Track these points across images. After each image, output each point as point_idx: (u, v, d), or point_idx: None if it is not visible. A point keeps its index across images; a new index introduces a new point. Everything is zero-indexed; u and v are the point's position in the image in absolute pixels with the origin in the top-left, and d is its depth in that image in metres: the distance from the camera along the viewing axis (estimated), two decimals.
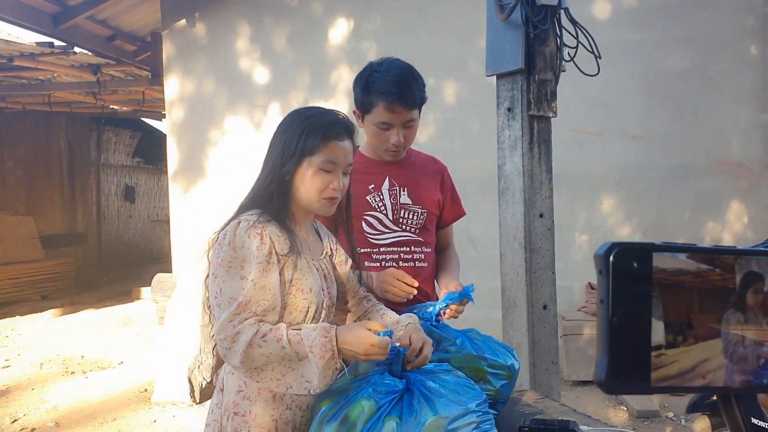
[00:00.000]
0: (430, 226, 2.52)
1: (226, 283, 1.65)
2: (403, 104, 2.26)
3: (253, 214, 1.74)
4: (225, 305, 1.64)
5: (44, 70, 8.69)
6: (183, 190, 6.68)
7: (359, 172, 2.42)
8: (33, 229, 11.88)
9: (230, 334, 1.60)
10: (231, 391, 1.75)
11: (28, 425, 4.99)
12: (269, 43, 6.53)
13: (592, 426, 2.06)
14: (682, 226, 5.99)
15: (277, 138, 1.84)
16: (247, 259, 1.66)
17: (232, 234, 1.69)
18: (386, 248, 2.40)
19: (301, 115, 1.84)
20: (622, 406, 4.97)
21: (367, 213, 2.40)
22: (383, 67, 2.30)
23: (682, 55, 5.97)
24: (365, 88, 2.30)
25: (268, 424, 1.71)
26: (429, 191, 2.50)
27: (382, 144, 2.34)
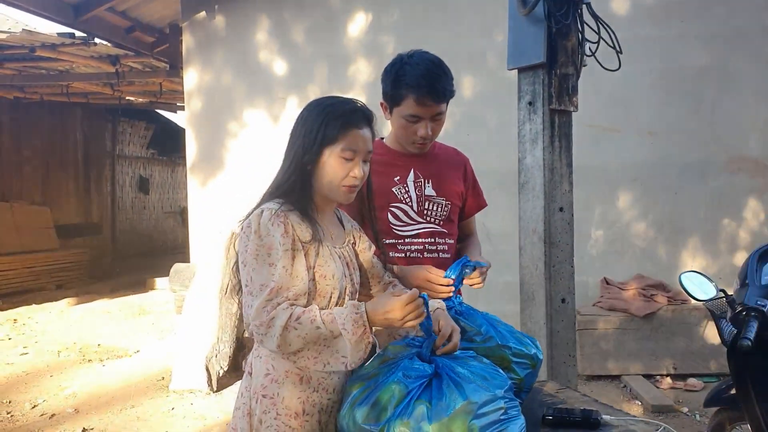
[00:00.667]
0: (453, 218, 2.55)
1: (255, 271, 1.70)
2: (433, 98, 2.28)
3: (275, 203, 1.78)
4: (257, 292, 1.68)
5: (64, 61, 8.74)
6: (201, 181, 6.73)
7: (384, 164, 2.45)
8: (49, 219, 11.99)
9: (265, 320, 1.64)
10: (259, 374, 1.79)
11: (48, 411, 5.07)
12: (288, 36, 6.56)
13: (614, 416, 2.08)
14: (698, 223, 5.99)
15: (297, 128, 1.87)
16: (273, 247, 1.70)
17: (256, 223, 1.73)
18: (411, 239, 2.43)
19: (320, 104, 1.87)
20: (637, 400, 4.99)
21: (393, 204, 2.42)
22: (413, 60, 2.32)
23: (701, 52, 5.96)
24: (395, 80, 2.32)
25: (296, 406, 1.75)
26: (453, 183, 2.53)
27: (410, 136, 2.37)
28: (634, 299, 5.55)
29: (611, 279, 5.92)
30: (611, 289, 5.77)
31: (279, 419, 1.74)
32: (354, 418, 1.66)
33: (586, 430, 1.97)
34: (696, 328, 5.40)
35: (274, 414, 1.75)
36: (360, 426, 1.64)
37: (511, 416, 1.66)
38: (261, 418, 1.76)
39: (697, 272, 2.75)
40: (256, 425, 1.77)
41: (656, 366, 5.43)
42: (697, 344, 5.40)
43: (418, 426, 1.58)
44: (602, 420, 2.01)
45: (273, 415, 1.75)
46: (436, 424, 1.57)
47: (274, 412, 1.75)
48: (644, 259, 6.05)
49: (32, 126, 12.43)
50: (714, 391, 3.17)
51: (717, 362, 5.35)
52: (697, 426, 4.49)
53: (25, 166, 12.30)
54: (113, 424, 4.75)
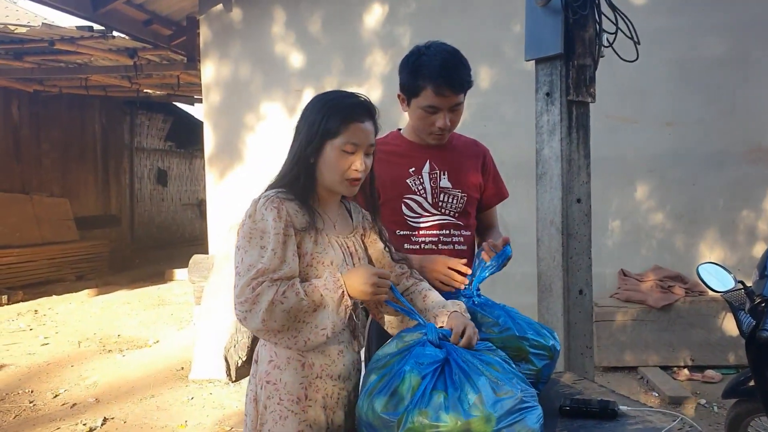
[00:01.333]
0: (470, 210, 2.54)
1: (247, 252, 1.75)
2: (451, 88, 2.29)
3: (273, 191, 1.82)
4: (244, 272, 1.72)
5: (83, 54, 8.81)
6: (219, 173, 6.77)
7: (400, 154, 2.46)
8: (68, 211, 12.11)
9: (250, 296, 1.69)
10: (263, 361, 1.85)
11: (69, 400, 5.14)
12: (304, 28, 6.57)
13: (632, 407, 2.09)
14: (716, 214, 5.94)
15: (300, 123, 1.90)
16: (266, 230, 1.74)
17: (252, 208, 1.78)
18: (426, 231, 2.44)
19: (321, 99, 1.90)
20: (654, 392, 4.98)
21: (407, 196, 2.43)
22: (431, 51, 2.33)
23: (720, 42, 5.90)
24: (413, 72, 2.32)
25: (298, 392, 1.80)
26: (470, 175, 2.53)
27: (427, 127, 2.37)
28: (652, 291, 5.53)
29: (628, 270, 5.90)
30: (628, 281, 5.76)
31: (282, 404, 1.79)
32: (373, 407, 1.68)
33: (604, 420, 1.98)
34: (714, 319, 5.38)
35: (277, 399, 1.80)
36: (379, 415, 1.65)
37: (529, 405, 1.67)
38: (266, 404, 1.81)
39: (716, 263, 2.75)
40: (261, 411, 1.82)
41: (674, 357, 5.42)
42: (715, 336, 5.37)
43: (436, 415, 1.59)
44: (619, 411, 2.02)
45: (276, 401, 1.80)
46: (454, 414, 1.59)
47: (277, 397, 1.80)
48: (662, 251, 6.03)
49: (51, 119, 12.54)
50: (732, 383, 3.16)
51: (735, 354, 5.33)
52: (714, 418, 4.48)
53: (44, 159, 12.41)
54: (133, 414, 4.81)
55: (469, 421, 1.58)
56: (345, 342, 1.92)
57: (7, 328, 7.77)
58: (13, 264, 10.27)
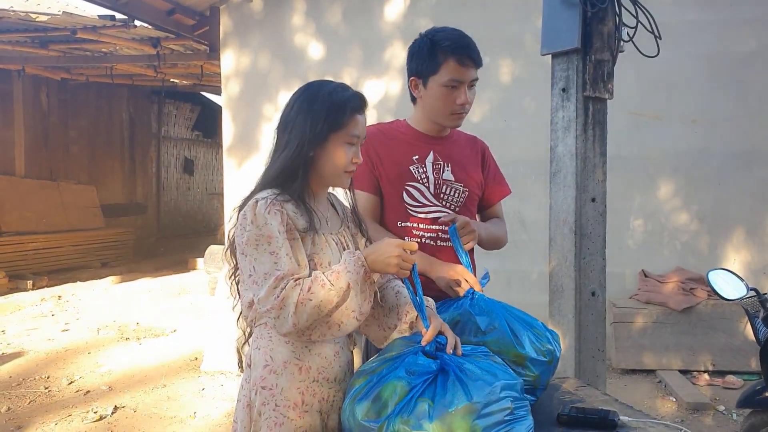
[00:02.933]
0: (470, 206, 2.50)
1: (257, 260, 1.68)
2: (473, 59, 2.28)
3: (269, 192, 1.76)
4: (262, 281, 1.66)
5: (106, 43, 8.86)
6: (237, 163, 6.76)
7: (405, 142, 2.42)
8: (95, 198, 12.25)
9: (276, 303, 1.63)
10: (258, 366, 1.78)
11: (84, 388, 5.18)
12: (324, 19, 6.51)
13: (633, 417, 2.01)
14: (742, 214, 5.77)
15: (298, 114, 1.82)
16: (272, 235, 1.68)
17: (252, 213, 1.70)
18: (426, 225, 2.39)
19: (322, 89, 1.84)
20: (671, 396, 4.86)
21: (409, 183, 2.39)
22: (444, 29, 2.34)
23: (749, 37, 5.71)
24: (430, 49, 2.30)
25: (295, 397, 1.74)
26: (472, 171, 2.49)
27: (448, 106, 2.32)
28: (673, 293, 5.40)
29: (649, 272, 5.76)
30: (649, 282, 5.62)
31: (278, 410, 1.73)
32: (354, 413, 1.62)
33: (603, 430, 1.90)
34: (736, 323, 5.23)
35: (273, 405, 1.74)
36: (359, 422, 1.60)
37: (518, 416, 1.61)
38: (260, 410, 1.75)
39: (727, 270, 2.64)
40: (255, 417, 1.76)
41: (693, 362, 5.29)
42: (738, 340, 5.22)
43: (418, 424, 1.53)
44: (619, 421, 1.94)
45: (272, 407, 1.74)
46: (438, 423, 1.53)
47: (272, 403, 1.74)
48: (685, 252, 5.88)
49: (79, 107, 12.67)
50: (747, 393, 3.06)
51: (758, 360, 5.15)
52: (733, 425, 4.35)
53: (72, 146, 12.55)
54: (144, 403, 4.83)
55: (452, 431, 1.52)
56: (341, 342, 1.89)
57: (30, 313, 7.88)
58: (39, 249, 10.43)
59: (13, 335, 6.77)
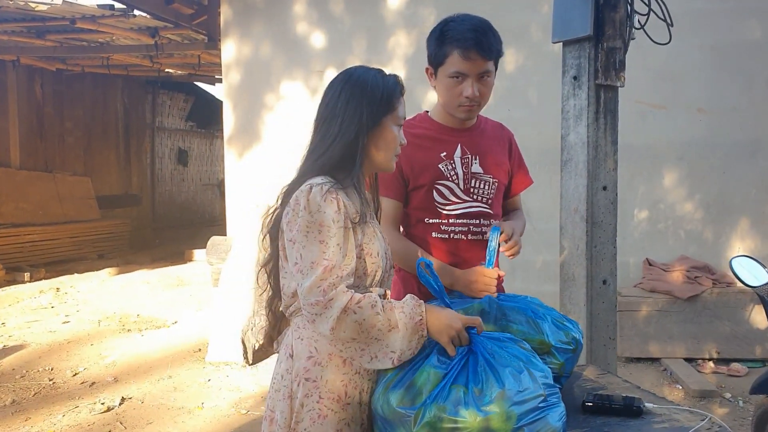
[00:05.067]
0: (499, 197, 2.46)
1: (305, 248, 1.64)
2: (479, 51, 2.19)
3: (322, 179, 1.71)
4: (308, 270, 1.63)
5: (104, 33, 8.79)
6: (238, 153, 6.72)
7: (431, 138, 2.37)
8: (90, 190, 12.19)
9: (322, 300, 1.59)
10: (301, 357, 1.74)
11: (89, 379, 5.16)
12: (327, 7, 6.46)
13: (658, 404, 2.01)
14: (747, 204, 5.78)
15: (349, 101, 1.78)
16: (324, 224, 1.64)
17: (305, 199, 1.66)
18: (455, 220, 2.36)
19: (367, 75, 1.82)
20: (677, 384, 4.87)
21: (439, 182, 2.34)
22: (459, 18, 2.25)
23: (756, 26, 5.70)
24: (440, 38, 2.25)
25: (339, 390, 1.71)
26: (499, 160, 2.45)
27: (455, 98, 2.27)
28: (678, 281, 5.41)
29: (654, 260, 5.77)
30: (654, 271, 5.63)
31: (321, 402, 1.70)
32: (388, 401, 1.62)
33: (628, 418, 1.90)
34: (741, 311, 5.25)
35: (317, 398, 1.71)
36: (394, 409, 1.59)
37: (551, 403, 1.61)
38: (302, 402, 1.71)
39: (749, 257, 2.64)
40: (297, 408, 1.72)
41: (698, 350, 5.30)
42: (743, 328, 5.25)
43: (454, 410, 1.53)
44: (645, 408, 1.94)
45: (315, 399, 1.71)
46: (473, 410, 1.52)
47: (316, 395, 1.71)
48: (689, 241, 5.89)
49: (74, 97, 12.58)
50: (761, 379, 3.06)
51: (762, 347, 5.20)
52: (740, 412, 4.37)
53: (67, 137, 12.48)
54: (150, 394, 4.82)
55: (489, 418, 1.52)
56: None
57: (29, 305, 7.85)
58: (35, 242, 10.38)
59: (14, 327, 6.74)
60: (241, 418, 4.39)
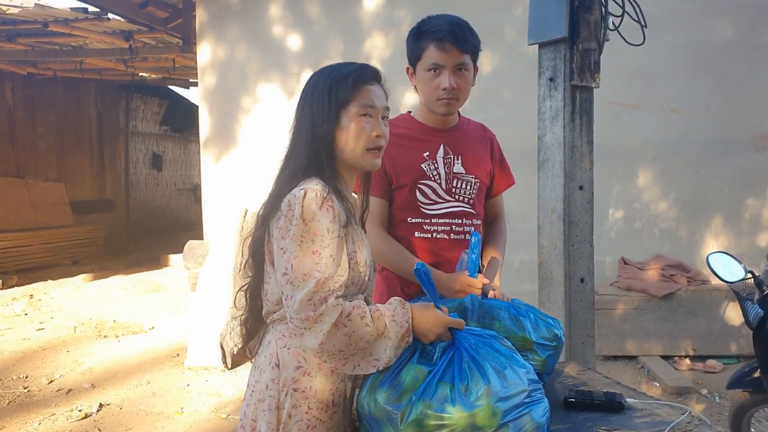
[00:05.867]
0: (480, 197, 2.48)
1: (297, 258, 1.59)
2: (454, 42, 2.21)
3: (317, 183, 1.65)
4: (299, 282, 1.57)
5: (78, 37, 8.70)
6: (214, 157, 6.68)
7: (413, 138, 2.39)
8: (63, 195, 12.03)
9: (313, 315, 1.55)
10: (289, 366, 1.70)
11: (65, 386, 5.09)
12: (303, 10, 6.45)
13: (638, 399, 2.04)
14: (721, 202, 5.87)
15: (306, 101, 1.76)
16: (318, 233, 1.60)
17: (299, 206, 1.60)
18: (438, 219, 2.37)
19: (324, 71, 1.78)
20: (655, 381, 4.94)
21: (422, 182, 2.35)
22: (436, 15, 2.30)
23: (726, 26, 5.81)
24: (417, 33, 2.28)
25: (327, 399, 1.69)
26: (481, 160, 2.46)
27: (433, 92, 2.28)
28: (653, 279, 5.48)
29: (629, 259, 5.84)
30: (629, 269, 5.70)
31: (310, 413, 1.68)
32: (375, 399, 1.61)
33: (609, 413, 1.92)
34: (716, 308, 5.33)
35: (305, 408, 1.68)
36: (381, 407, 1.59)
37: (535, 399, 1.62)
38: (290, 413, 1.68)
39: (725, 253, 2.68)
40: (284, 419, 1.68)
41: (675, 347, 5.38)
42: (717, 325, 5.33)
43: (441, 407, 1.54)
44: (626, 403, 1.97)
45: (304, 409, 1.68)
46: (460, 407, 1.53)
47: (305, 405, 1.68)
48: (664, 239, 5.96)
49: (46, 102, 12.42)
50: (737, 374, 3.11)
51: (737, 343, 5.28)
52: (716, 408, 4.44)
53: (39, 143, 12.31)
54: (129, 400, 4.77)
55: (474, 414, 1.53)
56: None
57: (1, 312, 7.73)
58: (8, 248, 10.21)
59: None
60: (221, 422, 4.36)
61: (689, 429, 1.82)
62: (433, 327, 1.68)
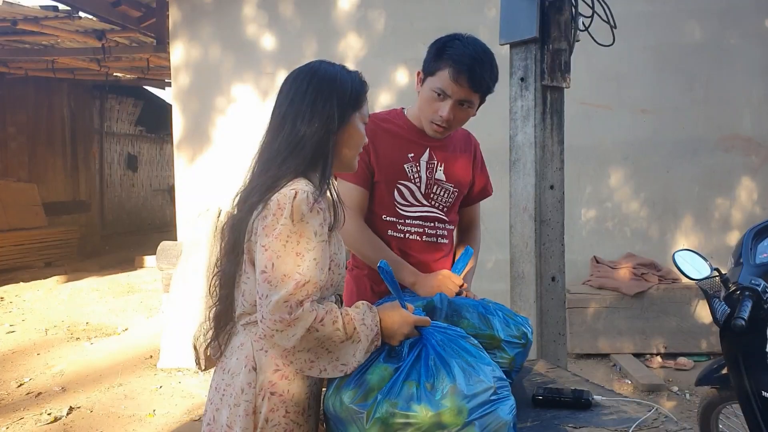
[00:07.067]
0: (456, 205, 2.50)
1: (280, 258, 1.54)
2: (469, 79, 2.18)
3: (307, 185, 1.62)
4: (278, 282, 1.53)
5: (48, 35, 8.59)
6: (188, 157, 6.63)
7: (401, 137, 2.38)
8: (36, 196, 11.86)
9: (287, 318, 1.51)
10: (266, 370, 1.66)
11: (35, 389, 5.02)
12: (277, 10, 6.43)
13: (606, 396, 2.06)
14: (690, 201, 5.96)
15: (317, 98, 1.68)
16: (305, 235, 1.56)
17: (288, 205, 1.56)
18: (412, 221, 2.38)
19: (332, 70, 1.73)
20: (627, 379, 4.98)
21: (401, 182, 2.35)
22: (467, 40, 2.24)
23: (695, 28, 5.89)
24: (439, 50, 2.23)
25: (304, 403, 1.68)
26: (463, 170, 2.47)
27: (430, 113, 2.27)
28: (625, 278, 5.53)
29: (601, 258, 5.90)
30: (601, 268, 5.75)
31: (288, 417, 1.65)
32: (341, 399, 1.61)
33: (577, 410, 1.94)
34: (687, 307, 5.40)
35: (283, 412, 1.65)
36: (347, 407, 1.58)
37: (501, 397, 1.62)
38: (267, 417, 1.64)
39: (691, 251, 2.71)
40: (261, 424, 1.64)
41: (646, 345, 5.43)
42: (688, 323, 5.39)
43: (406, 406, 1.53)
44: (593, 400, 1.98)
45: (282, 413, 1.65)
46: (425, 405, 1.53)
47: (283, 410, 1.65)
48: (635, 238, 6.03)
49: (17, 102, 12.26)
50: (705, 371, 3.15)
51: (707, 341, 5.35)
52: (686, 405, 4.49)
53: (10, 143, 12.14)
54: (100, 403, 4.71)
55: (440, 413, 1.53)
56: None
57: None
58: None
59: None
60: (193, 424, 4.33)
61: (656, 426, 1.84)
62: (400, 328, 1.67)
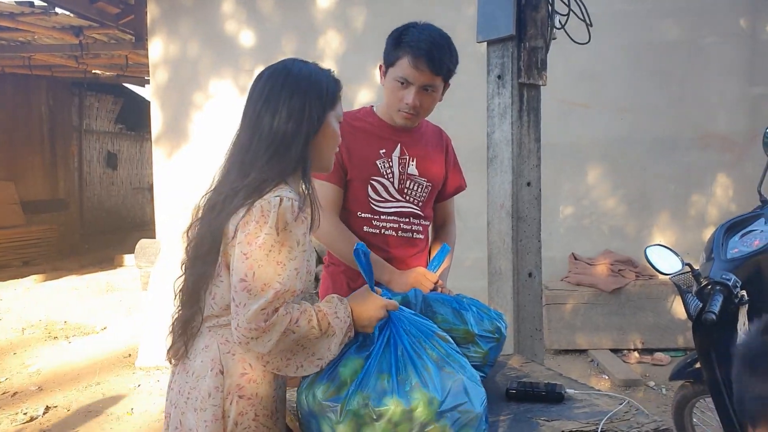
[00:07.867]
0: (431, 200, 2.51)
1: (261, 268, 1.52)
2: (428, 63, 2.20)
3: (292, 191, 1.59)
4: (257, 292, 1.51)
5: (25, 31, 8.49)
6: (166, 154, 6.59)
7: (372, 134, 2.39)
8: (14, 195, 11.74)
9: (263, 326, 1.49)
10: (234, 374, 1.63)
11: (11, 389, 4.98)
12: (256, 6, 6.41)
13: (579, 389, 2.08)
14: (666, 199, 6.02)
15: (292, 98, 1.64)
16: (287, 244, 1.54)
17: (273, 214, 1.53)
18: (387, 216, 2.39)
19: (306, 68, 1.71)
20: (604, 374, 5.03)
21: (374, 178, 2.37)
22: (422, 26, 2.27)
23: (671, 27, 5.95)
24: (396, 39, 2.26)
25: (272, 405, 1.67)
26: (436, 164, 2.49)
27: (397, 103, 2.30)
28: (602, 274, 5.58)
29: (579, 255, 5.94)
30: (579, 265, 5.80)
31: (257, 420, 1.64)
32: (314, 394, 1.61)
33: (550, 403, 1.96)
34: (663, 303, 5.46)
35: (252, 415, 1.63)
36: (320, 402, 1.59)
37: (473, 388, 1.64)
38: (237, 420, 1.62)
39: (663, 246, 2.74)
40: (231, 427, 1.62)
41: (624, 340, 5.49)
42: (665, 319, 5.45)
43: (378, 399, 1.54)
44: (566, 393, 2.01)
45: (251, 417, 1.63)
46: (397, 398, 1.54)
47: (252, 413, 1.63)
48: (612, 235, 6.08)
49: None
50: (679, 366, 3.19)
51: (684, 337, 5.41)
52: (663, 400, 4.54)
53: None
54: (78, 401, 4.69)
55: (412, 406, 1.54)
56: None
57: None
58: None
59: None
60: None
61: (627, 418, 1.87)
62: (371, 313, 1.66)
